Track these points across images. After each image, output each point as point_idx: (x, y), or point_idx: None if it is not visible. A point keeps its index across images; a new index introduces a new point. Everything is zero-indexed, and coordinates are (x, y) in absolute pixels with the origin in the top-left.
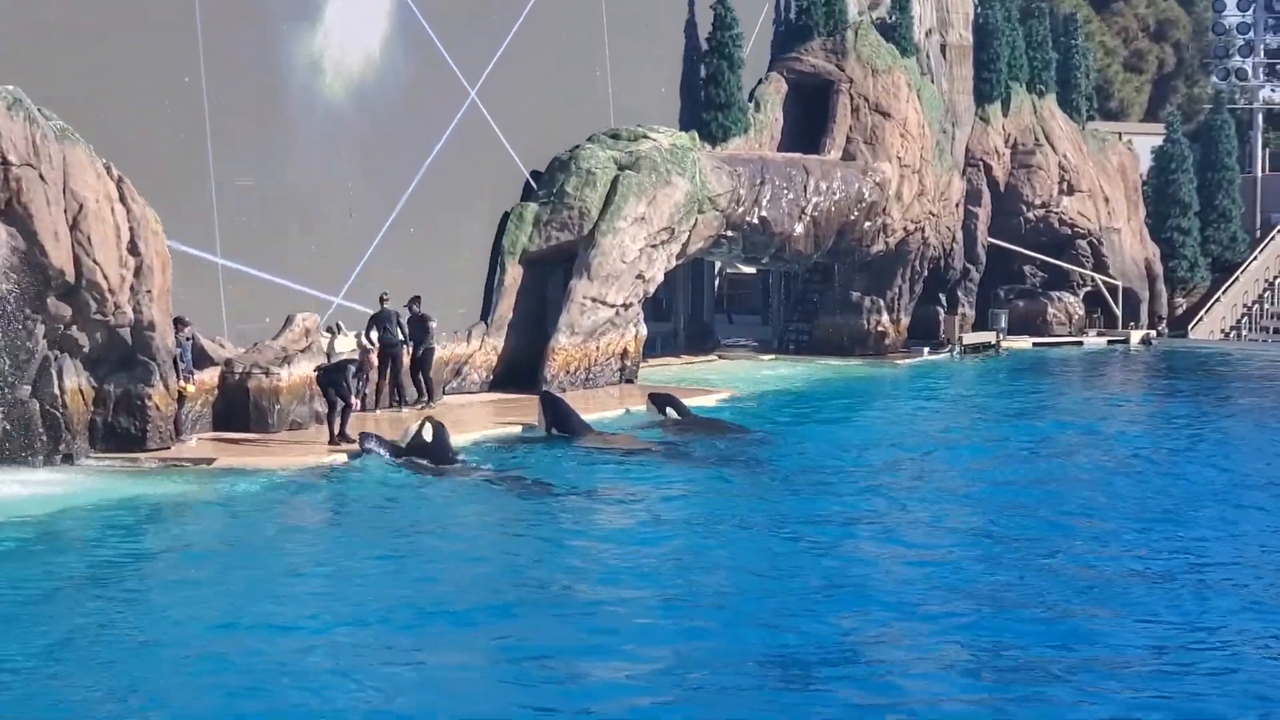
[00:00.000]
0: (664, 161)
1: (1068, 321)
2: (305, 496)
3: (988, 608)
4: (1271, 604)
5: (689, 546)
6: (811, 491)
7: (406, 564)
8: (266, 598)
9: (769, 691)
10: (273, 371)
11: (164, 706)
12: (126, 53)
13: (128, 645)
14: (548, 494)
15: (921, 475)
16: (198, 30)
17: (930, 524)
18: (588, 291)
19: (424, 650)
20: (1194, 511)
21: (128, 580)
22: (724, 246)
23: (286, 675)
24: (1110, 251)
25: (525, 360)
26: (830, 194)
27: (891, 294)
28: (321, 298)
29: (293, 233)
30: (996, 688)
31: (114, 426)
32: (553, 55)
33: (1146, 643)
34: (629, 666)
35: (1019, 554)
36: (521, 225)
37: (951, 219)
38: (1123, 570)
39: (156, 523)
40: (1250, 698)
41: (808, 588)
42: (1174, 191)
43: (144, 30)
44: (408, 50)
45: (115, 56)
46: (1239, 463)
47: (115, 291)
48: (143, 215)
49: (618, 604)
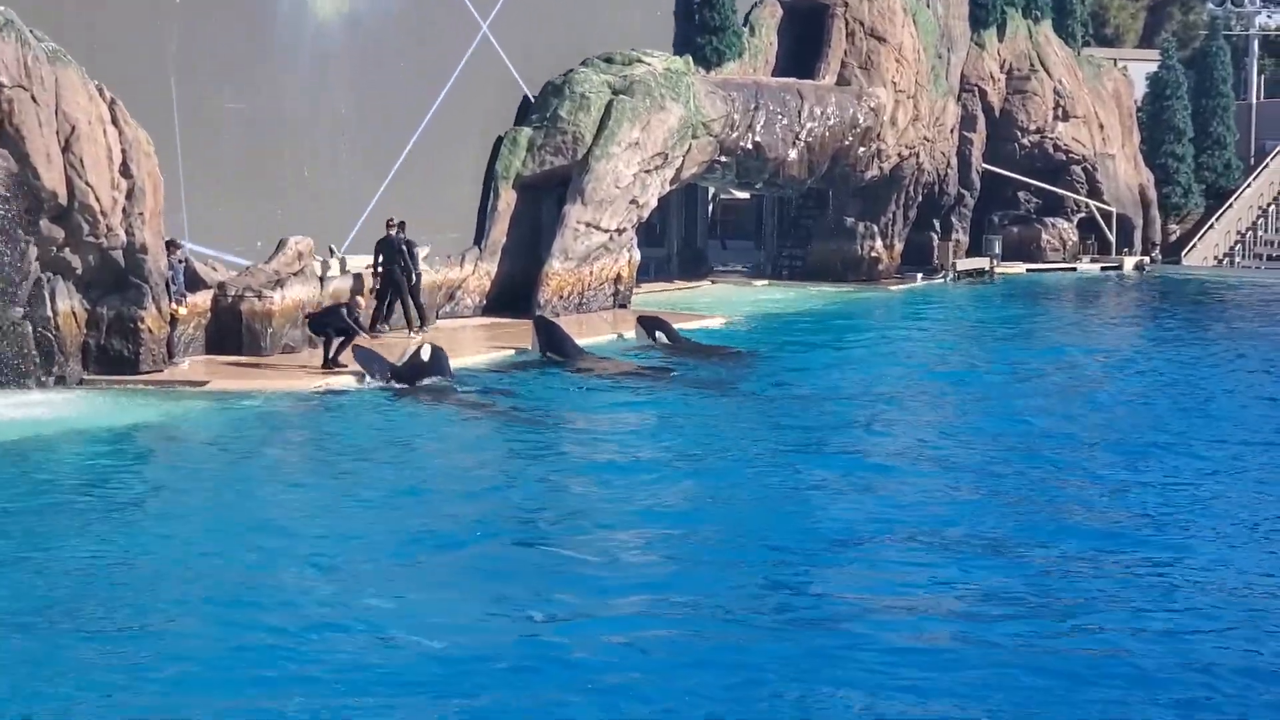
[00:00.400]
0: (658, 86)
1: (1061, 248)
2: (297, 420)
3: (978, 529)
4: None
5: (679, 471)
6: (801, 415)
7: (397, 488)
8: (256, 520)
9: (764, 616)
10: (265, 295)
11: (148, 621)
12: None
13: (116, 565)
14: (540, 418)
15: (910, 400)
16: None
17: (918, 446)
18: (581, 216)
19: (414, 575)
20: (1182, 432)
21: (120, 500)
22: (718, 172)
23: (273, 596)
24: (1104, 178)
25: (518, 285)
26: (824, 119)
27: (885, 220)
28: (313, 221)
29: (284, 156)
30: (987, 613)
31: (107, 349)
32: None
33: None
34: (618, 595)
35: (1011, 477)
36: (515, 150)
37: (946, 145)
38: (1105, 491)
39: (150, 445)
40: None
41: (799, 511)
42: (1169, 118)
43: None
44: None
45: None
46: (1232, 390)
47: (107, 214)
48: (135, 137)
49: (606, 529)
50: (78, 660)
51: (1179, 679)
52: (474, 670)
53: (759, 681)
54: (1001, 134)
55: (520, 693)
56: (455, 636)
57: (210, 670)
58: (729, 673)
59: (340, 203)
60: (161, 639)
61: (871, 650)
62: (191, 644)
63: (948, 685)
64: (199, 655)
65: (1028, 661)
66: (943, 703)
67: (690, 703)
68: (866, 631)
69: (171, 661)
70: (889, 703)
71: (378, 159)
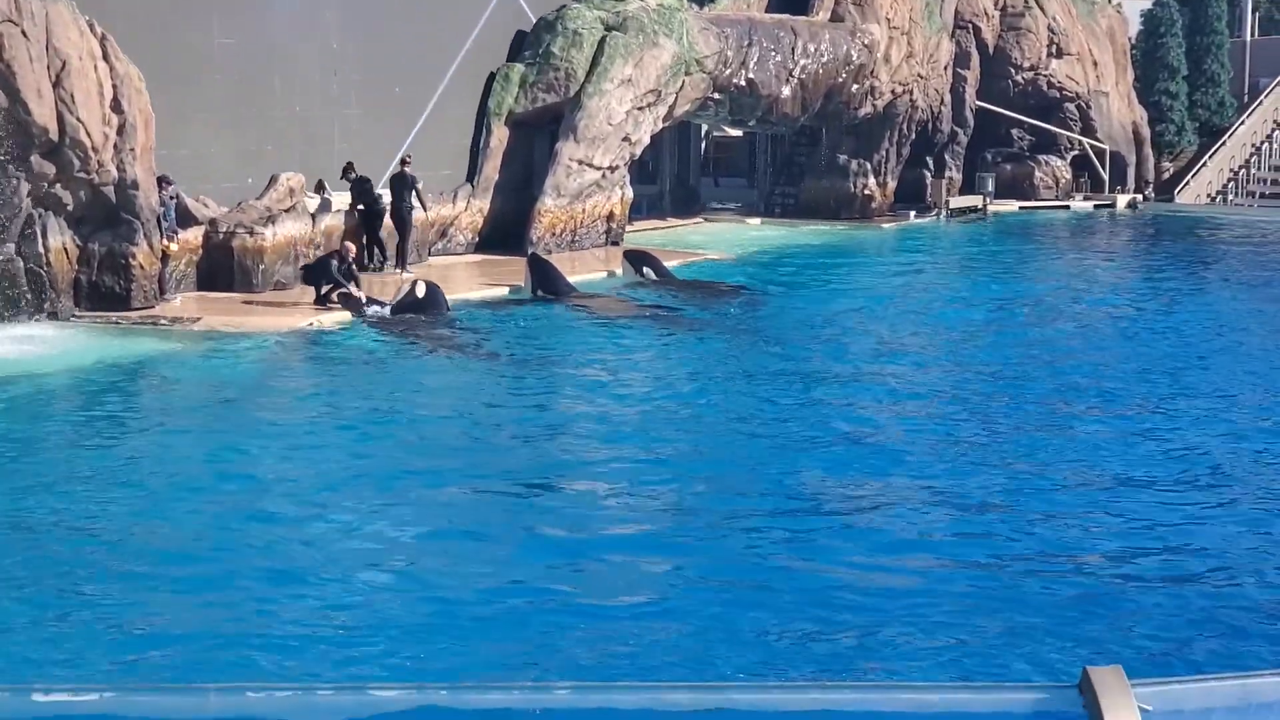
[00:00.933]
0: (651, 22)
1: (1054, 185)
2: (288, 357)
3: (971, 467)
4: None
5: (672, 407)
6: (792, 351)
7: (386, 426)
8: (241, 458)
9: (759, 550)
10: (257, 231)
11: (134, 557)
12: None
13: (107, 497)
14: (530, 355)
15: (901, 335)
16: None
17: (909, 381)
18: (574, 153)
19: (404, 511)
20: (1179, 367)
21: (108, 435)
22: (711, 109)
23: (262, 530)
24: (1098, 115)
25: (511, 222)
26: (818, 56)
27: (878, 157)
28: (304, 157)
29: (275, 91)
30: (982, 550)
31: (98, 285)
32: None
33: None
34: (613, 527)
35: (1000, 408)
36: (508, 86)
37: (940, 82)
38: (1090, 427)
39: (142, 381)
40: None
41: (790, 444)
42: (1162, 55)
43: None
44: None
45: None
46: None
47: (98, 149)
48: (126, 73)
49: (596, 464)
50: (64, 601)
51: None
52: (461, 611)
53: (748, 622)
54: (995, 71)
55: (509, 636)
56: (444, 576)
57: (186, 613)
58: (717, 613)
59: (332, 139)
60: (139, 580)
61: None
62: (168, 585)
63: (935, 618)
64: (174, 597)
65: (1010, 590)
66: (932, 636)
67: (675, 645)
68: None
69: (146, 604)
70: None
71: (369, 95)
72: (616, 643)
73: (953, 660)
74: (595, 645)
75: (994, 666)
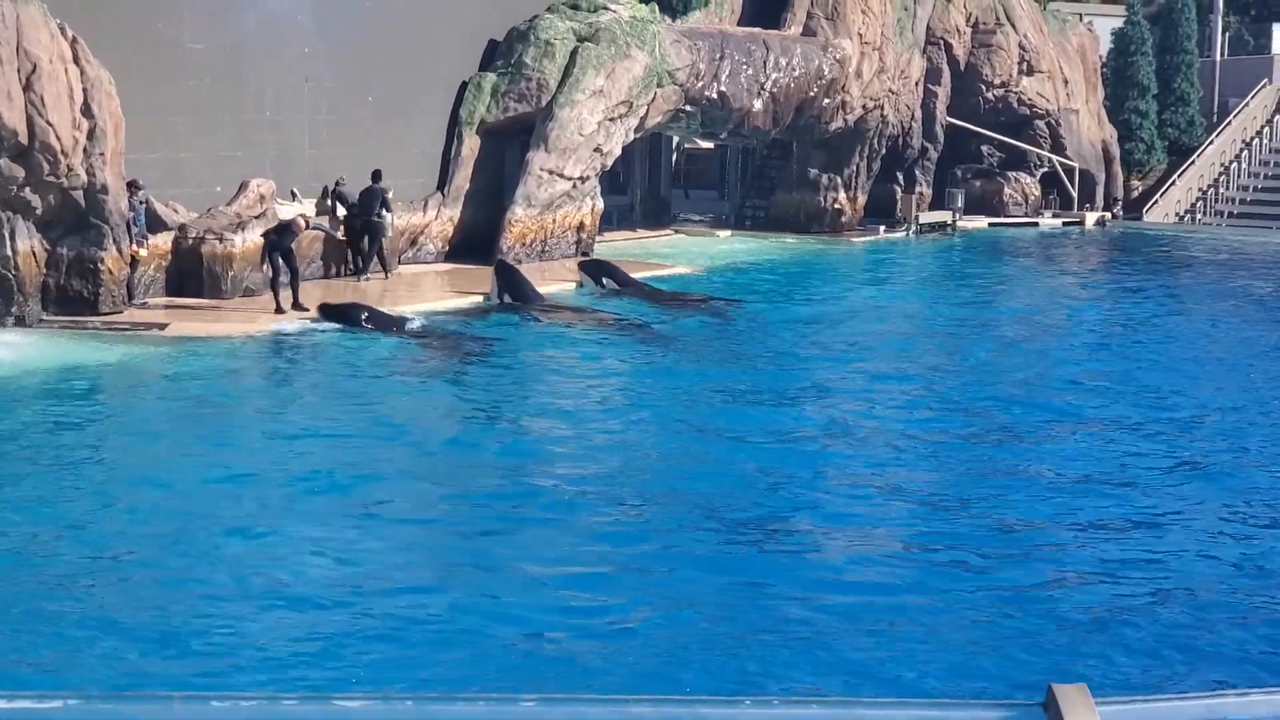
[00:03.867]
0: (623, 34)
1: (1024, 202)
2: (256, 363)
3: (938, 483)
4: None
5: (634, 418)
6: (753, 364)
7: (348, 431)
8: (208, 462)
9: (717, 559)
10: (226, 237)
11: (92, 565)
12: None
13: (75, 500)
14: (494, 363)
15: (865, 348)
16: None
17: (871, 394)
18: (545, 163)
19: (361, 520)
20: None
21: (71, 441)
22: (682, 121)
23: (215, 542)
24: (1068, 133)
25: (481, 231)
26: (790, 70)
27: (849, 172)
28: (275, 164)
29: (247, 98)
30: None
31: (66, 289)
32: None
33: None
34: (569, 537)
35: (968, 422)
36: (480, 95)
37: (911, 97)
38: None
39: (107, 386)
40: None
41: (749, 457)
42: (1133, 74)
43: None
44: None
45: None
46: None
47: (68, 153)
48: (97, 77)
49: (555, 475)
50: (26, 605)
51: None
52: (424, 620)
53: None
54: (966, 88)
55: (458, 651)
56: (406, 582)
57: (153, 616)
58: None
59: (303, 146)
60: (103, 584)
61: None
62: (130, 590)
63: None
64: (138, 603)
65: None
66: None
67: (637, 661)
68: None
69: (107, 609)
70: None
71: (341, 102)
72: (578, 657)
73: (918, 678)
74: (557, 660)
75: (959, 683)
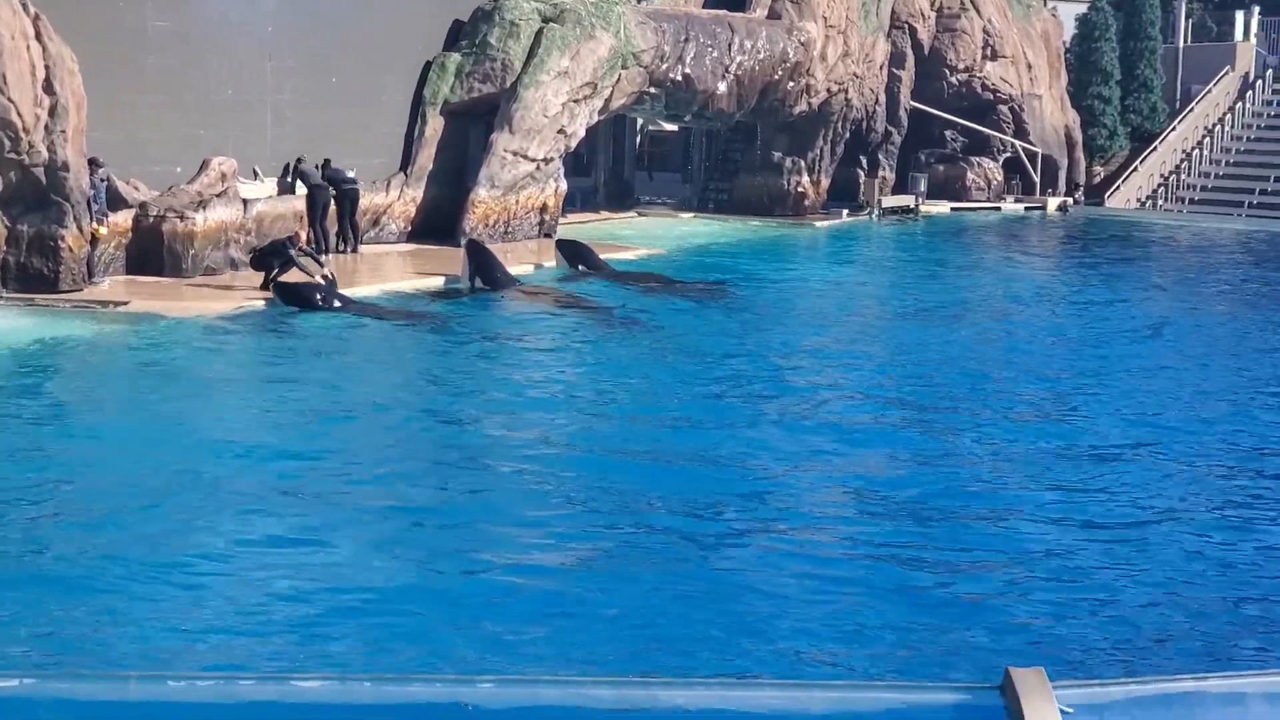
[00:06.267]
0: (589, 15)
1: (986, 187)
2: (216, 341)
3: (900, 463)
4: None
5: (607, 402)
6: (719, 346)
7: (310, 409)
8: (167, 439)
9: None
10: (188, 216)
11: (51, 544)
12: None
13: (35, 480)
14: (458, 344)
15: (828, 331)
16: None
17: (834, 375)
18: (509, 145)
19: (318, 498)
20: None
21: (29, 417)
22: (646, 103)
23: (177, 517)
24: (1031, 118)
25: (444, 212)
26: (754, 53)
27: (813, 155)
28: (236, 143)
29: (209, 76)
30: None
31: (26, 267)
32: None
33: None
34: (547, 515)
35: (935, 403)
36: (444, 76)
37: (875, 81)
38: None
39: (66, 364)
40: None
41: (715, 440)
42: (1096, 60)
43: None
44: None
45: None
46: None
47: (29, 131)
48: (59, 54)
49: (532, 451)
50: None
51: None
52: (385, 598)
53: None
54: (930, 72)
55: (435, 619)
56: (367, 561)
57: (96, 600)
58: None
59: (265, 125)
60: (64, 562)
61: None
62: (90, 569)
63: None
64: (97, 580)
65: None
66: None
67: (595, 644)
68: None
69: (55, 592)
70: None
71: (304, 82)
72: (533, 641)
73: (875, 659)
74: (516, 642)
75: (916, 666)
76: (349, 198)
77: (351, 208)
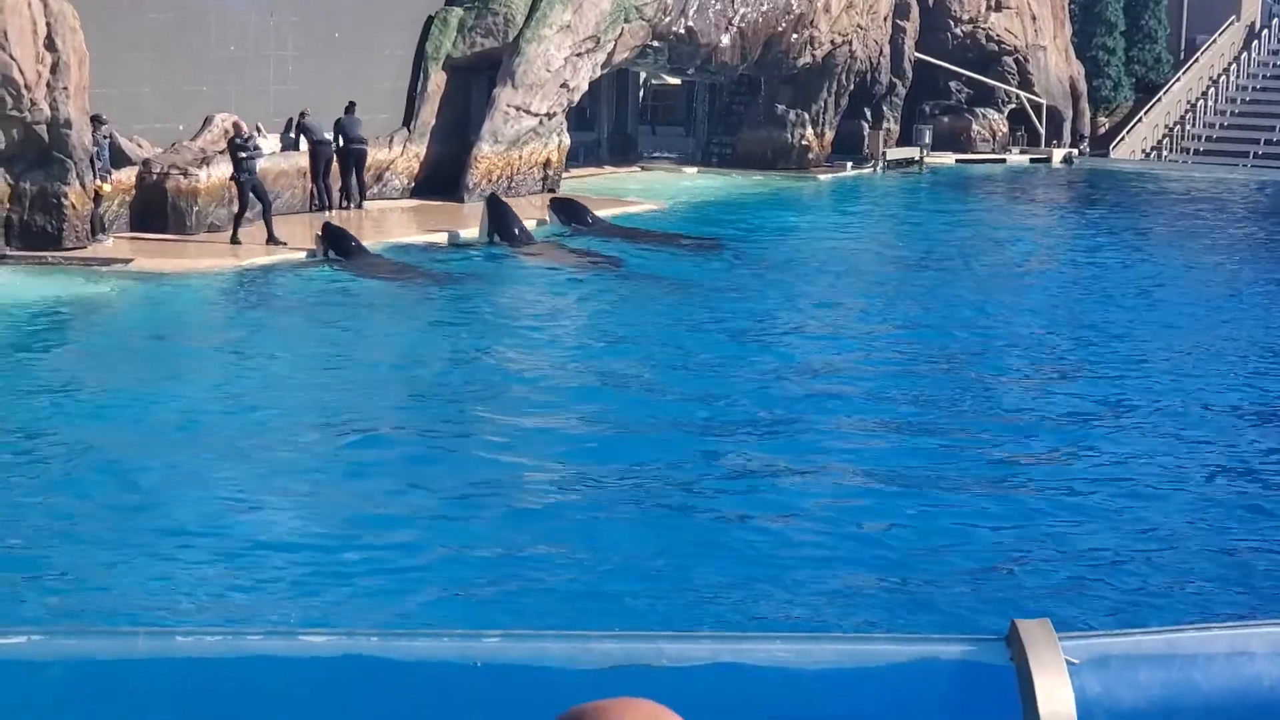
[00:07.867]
0: None
1: (991, 139)
2: (222, 298)
3: (903, 423)
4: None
5: (601, 351)
6: (726, 303)
7: (317, 366)
8: (171, 399)
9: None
10: (191, 172)
11: (52, 499)
12: None
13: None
14: (473, 302)
15: (834, 284)
16: None
17: (839, 335)
18: (511, 99)
19: (330, 457)
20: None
21: (36, 376)
22: (650, 57)
23: (180, 477)
24: (1035, 69)
25: (447, 168)
26: (757, 5)
27: (817, 108)
28: (238, 100)
29: (210, 32)
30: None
31: (30, 224)
32: None
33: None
34: (555, 465)
35: (938, 361)
36: (446, 30)
37: (879, 33)
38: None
39: (71, 321)
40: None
41: (719, 398)
42: (1100, 10)
43: None
44: None
45: None
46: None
47: (32, 88)
48: (60, 11)
49: (541, 403)
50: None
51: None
52: (395, 553)
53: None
54: (934, 23)
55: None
56: (377, 515)
57: (104, 560)
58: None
59: (267, 81)
60: (57, 524)
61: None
62: (89, 529)
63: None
64: (99, 541)
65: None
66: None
67: (601, 599)
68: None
69: (65, 551)
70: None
71: (306, 37)
72: (544, 593)
73: (882, 610)
74: (522, 596)
75: (922, 619)
76: (354, 155)
77: (358, 165)
